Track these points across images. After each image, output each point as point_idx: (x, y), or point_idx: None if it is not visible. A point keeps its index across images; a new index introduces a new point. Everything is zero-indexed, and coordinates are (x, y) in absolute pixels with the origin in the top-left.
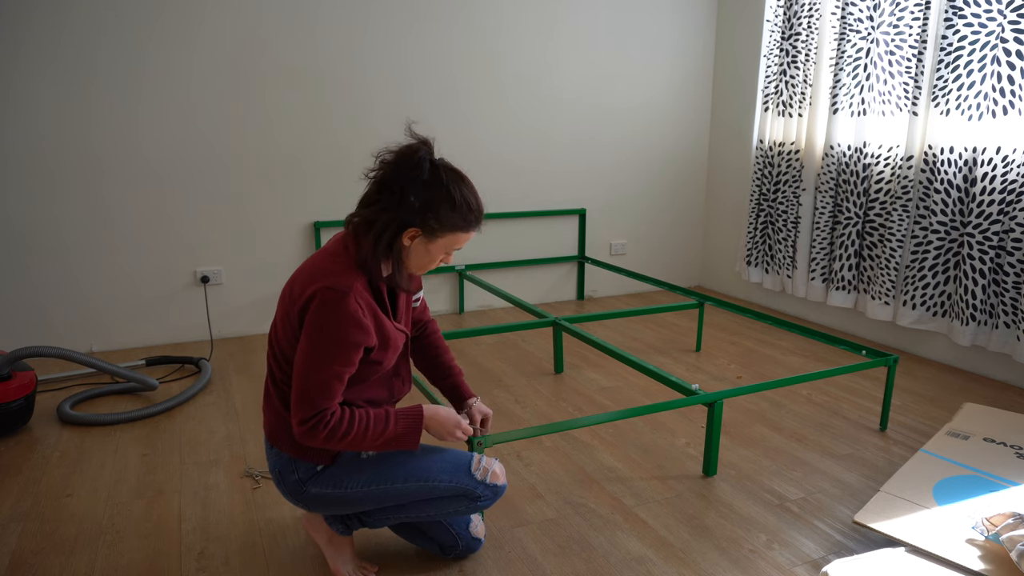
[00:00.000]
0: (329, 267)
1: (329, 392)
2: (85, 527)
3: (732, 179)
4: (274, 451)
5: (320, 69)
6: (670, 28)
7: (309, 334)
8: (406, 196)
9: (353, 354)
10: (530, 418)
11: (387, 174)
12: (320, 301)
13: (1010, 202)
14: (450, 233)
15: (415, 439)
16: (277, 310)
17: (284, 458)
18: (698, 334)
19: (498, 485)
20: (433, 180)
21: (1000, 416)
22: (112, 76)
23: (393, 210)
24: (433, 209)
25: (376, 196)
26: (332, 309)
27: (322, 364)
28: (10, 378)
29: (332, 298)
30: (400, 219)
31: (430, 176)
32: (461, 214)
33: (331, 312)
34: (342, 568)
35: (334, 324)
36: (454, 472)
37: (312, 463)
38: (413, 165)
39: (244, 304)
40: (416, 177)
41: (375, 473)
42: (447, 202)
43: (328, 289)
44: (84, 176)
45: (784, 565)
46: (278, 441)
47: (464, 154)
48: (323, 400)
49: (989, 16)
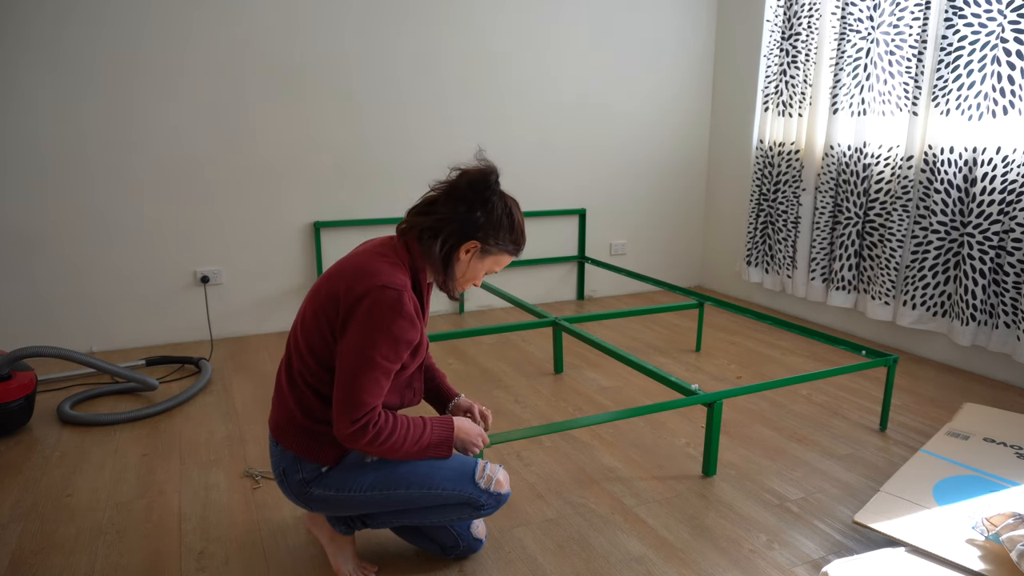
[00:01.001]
0: (380, 266)
1: (378, 389)
2: (85, 527)
3: (732, 179)
4: (279, 448)
5: (320, 70)
6: (670, 28)
7: (362, 330)
8: (474, 211)
9: (404, 351)
10: (530, 418)
11: (460, 188)
12: (376, 298)
13: (1010, 202)
14: (500, 254)
15: (448, 448)
16: (305, 308)
17: (289, 457)
18: (698, 334)
19: (502, 493)
20: (499, 203)
21: (1000, 416)
22: (112, 76)
23: (459, 221)
24: (495, 228)
25: (439, 207)
26: (390, 306)
27: (374, 361)
28: (10, 378)
29: (389, 296)
30: (464, 232)
31: (497, 198)
32: (514, 238)
33: (388, 309)
34: (343, 567)
35: (390, 320)
36: (458, 480)
37: (317, 464)
38: (486, 186)
39: (244, 304)
40: (487, 198)
41: (379, 478)
42: (507, 224)
43: (384, 287)
44: (84, 176)
45: (784, 565)
46: (283, 438)
47: (463, 154)
48: (372, 397)
49: (989, 16)
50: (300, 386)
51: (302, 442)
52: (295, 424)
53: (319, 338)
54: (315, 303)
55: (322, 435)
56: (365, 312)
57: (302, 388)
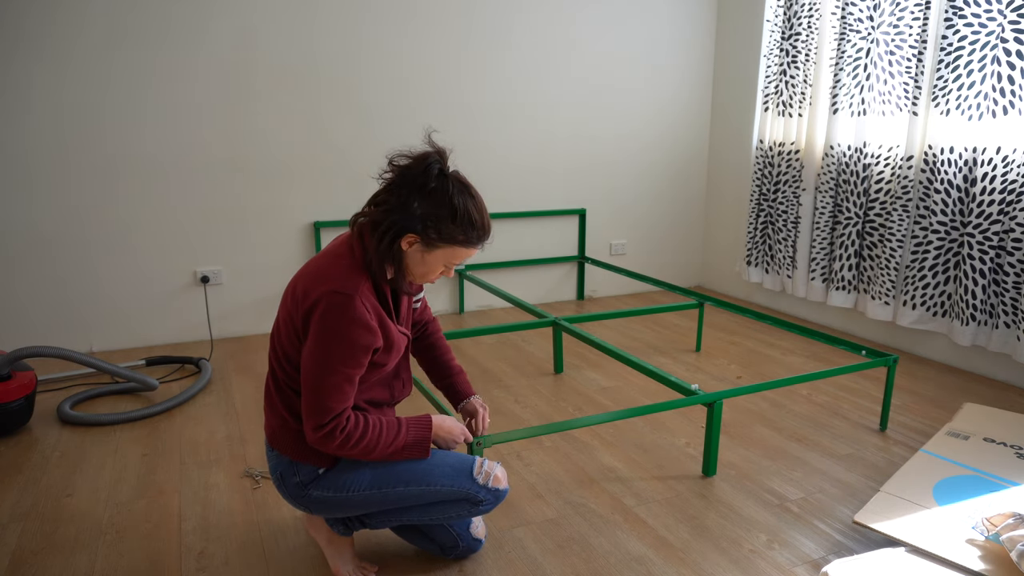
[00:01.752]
0: (334, 270)
1: (341, 395)
2: (85, 527)
3: (732, 179)
4: (275, 454)
5: (320, 70)
6: (670, 28)
7: (317, 338)
8: (410, 202)
9: (362, 356)
10: (530, 418)
11: (396, 177)
12: (327, 304)
13: (1010, 202)
14: (448, 246)
15: (425, 448)
16: (279, 311)
17: (285, 461)
18: (698, 334)
19: (500, 489)
20: (438, 190)
21: (1000, 416)
22: (112, 76)
23: (396, 213)
24: (433, 219)
25: (384, 197)
26: (340, 312)
27: (332, 368)
28: (10, 378)
29: (339, 301)
30: (401, 223)
31: (436, 185)
32: (462, 228)
33: (339, 315)
34: (342, 568)
35: (343, 327)
36: (455, 476)
37: (314, 466)
38: (421, 172)
39: (244, 304)
40: (423, 184)
41: (376, 477)
42: (448, 214)
43: (335, 292)
44: (84, 176)
45: (784, 565)
46: (279, 444)
47: (463, 154)
48: (336, 403)
49: (989, 16)
50: (286, 391)
51: (297, 446)
52: (288, 429)
53: (291, 343)
54: (285, 308)
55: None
56: (319, 318)
57: (288, 393)
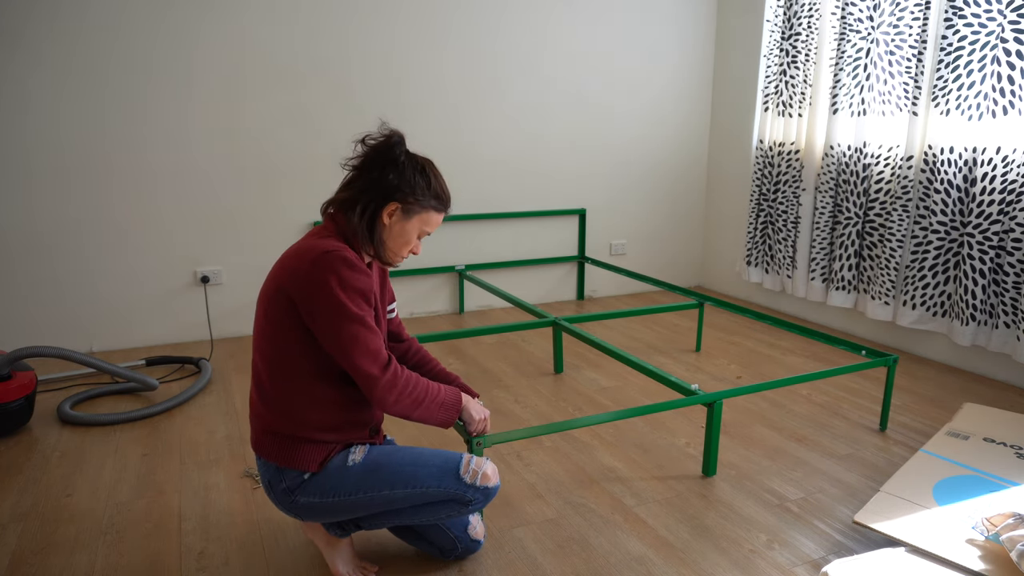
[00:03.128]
0: (317, 242)
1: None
2: (85, 527)
3: (732, 179)
4: (261, 461)
5: (319, 70)
6: (670, 28)
7: (326, 300)
8: (385, 174)
9: (369, 299)
10: (530, 418)
11: (368, 157)
12: (319, 264)
13: (1010, 202)
14: (424, 211)
15: (457, 409)
16: (259, 310)
17: (272, 468)
18: (698, 334)
19: (489, 487)
20: (409, 162)
21: (1000, 416)
22: (112, 77)
23: (374, 188)
24: (410, 186)
25: (356, 179)
26: (334, 263)
27: (353, 315)
28: (10, 378)
29: (332, 256)
30: (381, 195)
31: (406, 159)
32: (434, 193)
33: (334, 266)
34: (342, 568)
35: (344, 276)
36: (441, 477)
37: (299, 471)
38: (390, 148)
39: (244, 304)
40: (394, 159)
41: (362, 481)
42: (422, 181)
43: (325, 252)
44: (84, 176)
45: (784, 565)
46: (264, 451)
47: (463, 154)
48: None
49: (989, 16)
50: (273, 396)
51: (281, 451)
52: (271, 434)
53: (282, 335)
54: (267, 304)
55: (301, 441)
56: (317, 283)
57: (276, 397)
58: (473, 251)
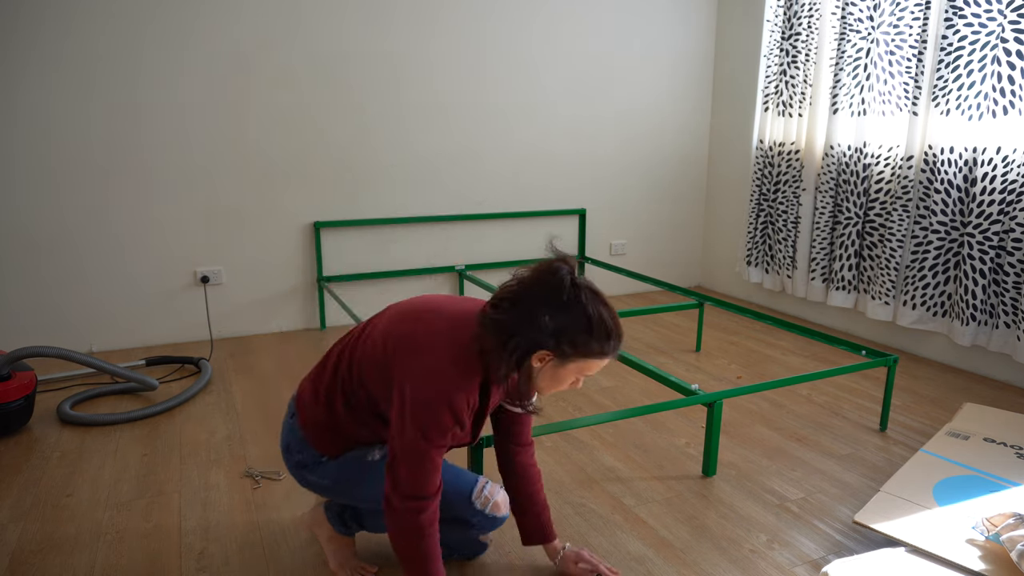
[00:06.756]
0: (448, 363)
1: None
2: (85, 527)
3: (732, 179)
4: (293, 421)
5: (318, 70)
6: (670, 28)
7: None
8: (539, 316)
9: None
10: None
11: (523, 291)
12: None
13: (1010, 202)
14: (582, 359)
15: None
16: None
17: (297, 436)
18: (698, 334)
19: (498, 516)
20: (571, 301)
21: (1000, 416)
22: (111, 76)
23: (525, 330)
24: (568, 333)
25: (514, 301)
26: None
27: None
28: (10, 378)
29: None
30: (531, 340)
31: (569, 297)
32: (597, 339)
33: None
34: (341, 567)
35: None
36: (452, 497)
37: (320, 452)
38: (553, 286)
39: (244, 304)
40: (555, 297)
41: (375, 479)
42: (583, 325)
43: (446, 372)
44: (84, 176)
45: (784, 565)
46: (303, 411)
47: (463, 154)
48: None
49: (989, 16)
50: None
51: (316, 430)
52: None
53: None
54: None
55: (335, 431)
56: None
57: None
58: (473, 251)
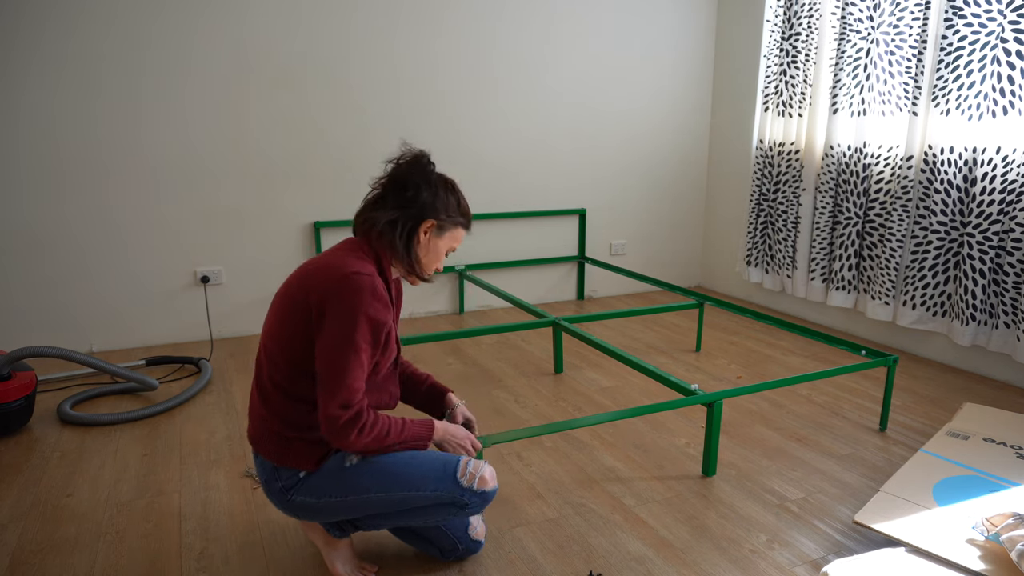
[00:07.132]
0: (348, 260)
1: (362, 374)
2: (85, 527)
3: (732, 179)
4: (259, 459)
5: (318, 70)
6: (670, 28)
7: (339, 319)
8: (420, 193)
9: (380, 334)
10: (530, 418)
11: (401, 176)
12: (347, 285)
13: (1010, 202)
14: (453, 228)
15: (426, 443)
16: (274, 312)
17: (269, 467)
18: (698, 334)
19: (487, 491)
20: (439, 181)
21: (1000, 416)
22: (113, 76)
23: (410, 206)
24: (442, 203)
25: (388, 197)
26: (360, 289)
27: (356, 344)
28: (10, 378)
29: (362, 281)
30: (417, 213)
31: (436, 177)
32: (462, 211)
33: (360, 292)
34: (341, 569)
35: (365, 303)
36: (439, 481)
37: (294, 469)
38: (423, 168)
39: (244, 304)
40: (427, 177)
41: (358, 482)
42: (452, 199)
43: (356, 274)
44: (84, 176)
45: (784, 565)
46: (261, 448)
47: (463, 154)
48: (359, 383)
49: (989, 16)
50: (274, 396)
51: (278, 450)
52: (270, 432)
53: (292, 341)
54: (283, 308)
55: (297, 440)
56: (338, 300)
57: (277, 398)
58: (473, 251)
